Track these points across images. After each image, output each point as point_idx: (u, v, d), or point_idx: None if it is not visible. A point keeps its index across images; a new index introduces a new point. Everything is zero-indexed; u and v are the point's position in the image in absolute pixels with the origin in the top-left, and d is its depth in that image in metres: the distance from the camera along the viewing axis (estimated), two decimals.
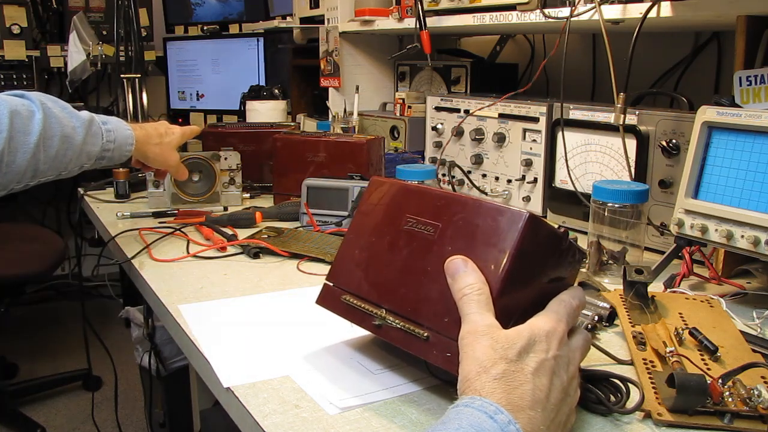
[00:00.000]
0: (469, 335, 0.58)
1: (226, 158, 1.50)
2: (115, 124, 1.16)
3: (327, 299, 0.77)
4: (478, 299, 0.60)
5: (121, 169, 1.65)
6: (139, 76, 1.99)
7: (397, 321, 0.67)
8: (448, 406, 0.55)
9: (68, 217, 3.61)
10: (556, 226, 0.64)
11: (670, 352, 0.71)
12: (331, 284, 0.78)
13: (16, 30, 3.01)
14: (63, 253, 2.54)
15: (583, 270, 1.02)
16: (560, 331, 0.60)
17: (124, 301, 2.47)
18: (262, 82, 2.87)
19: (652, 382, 0.67)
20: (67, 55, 2.45)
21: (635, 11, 1.10)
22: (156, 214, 1.42)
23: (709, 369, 0.69)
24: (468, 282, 0.61)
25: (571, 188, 1.27)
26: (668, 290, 0.95)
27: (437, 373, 0.71)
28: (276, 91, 2.31)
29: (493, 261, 0.62)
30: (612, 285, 0.96)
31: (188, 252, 1.17)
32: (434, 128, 1.62)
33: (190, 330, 0.86)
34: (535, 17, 1.31)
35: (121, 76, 1.98)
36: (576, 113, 1.28)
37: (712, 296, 0.87)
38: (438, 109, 1.62)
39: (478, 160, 1.51)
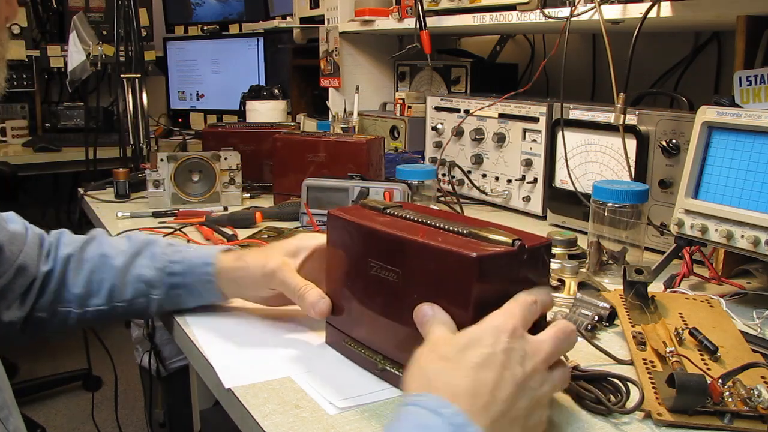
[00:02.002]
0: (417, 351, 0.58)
1: (226, 158, 1.50)
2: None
3: (333, 341, 0.79)
4: None
5: (121, 169, 1.65)
6: (139, 76, 1.99)
7: (395, 368, 0.68)
8: None
9: (68, 217, 3.61)
10: (510, 241, 0.61)
11: (670, 352, 0.71)
12: (332, 325, 0.79)
13: (16, 30, 3.01)
14: None
15: (583, 270, 1.02)
16: (511, 324, 0.57)
17: None
18: (262, 82, 2.87)
19: (652, 382, 0.67)
20: (67, 55, 2.45)
21: (635, 11, 1.11)
22: (156, 214, 1.42)
23: (709, 369, 0.69)
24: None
25: (571, 188, 1.27)
26: (668, 290, 0.95)
27: None
28: (276, 91, 2.32)
29: (456, 306, 0.61)
30: (612, 285, 0.96)
31: None
32: (434, 128, 1.62)
33: (190, 330, 0.86)
34: (535, 17, 1.32)
35: (121, 76, 1.98)
36: (576, 113, 1.28)
37: (712, 296, 0.87)
38: (438, 109, 1.62)
39: (478, 160, 1.51)
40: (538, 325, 0.61)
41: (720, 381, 0.64)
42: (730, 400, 0.63)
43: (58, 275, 0.88)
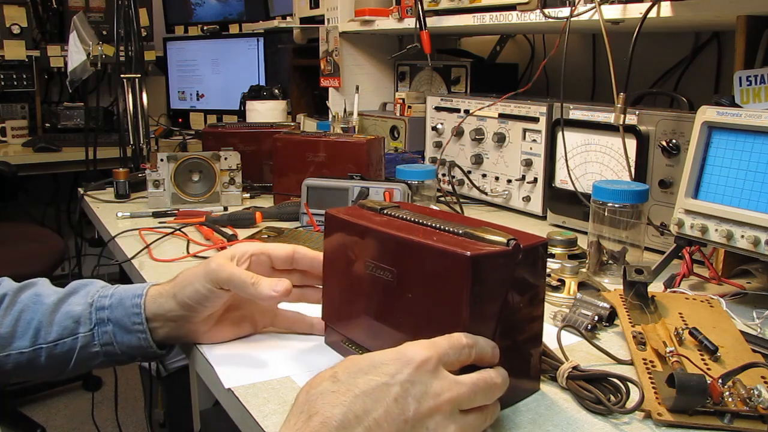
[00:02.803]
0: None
1: (226, 158, 1.50)
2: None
3: (332, 341, 0.79)
4: None
5: (121, 169, 1.65)
6: (139, 76, 1.99)
7: None
8: None
9: (68, 217, 3.61)
10: (505, 240, 0.60)
11: (670, 352, 0.71)
12: (330, 326, 0.79)
13: (16, 30, 3.01)
14: (63, 253, 2.54)
15: (583, 270, 1.02)
16: (424, 356, 0.54)
17: None
18: (262, 82, 2.87)
19: (652, 382, 0.67)
20: (67, 55, 2.45)
21: (635, 11, 1.11)
22: (156, 214, 1.42)
23: (709, 369, 0.69)
24: None
25: (571, 188, 1.27)
26: (668, 290, 0.95)
27: None
28: (276, 91, 2.31)
29: (450, 306, 0.60)
30: (612, 285, 0.96)
31: (188, 252, 1.17)
32: (434, 128, 1.62)
33: None
34: (535, 17, 1.32)
35: (121, 76, 1.98)
36: (576, 113, 1.28)
37: (712, 296, 0.87)
38: (438, 109, 1.62)
39: (478, 160, 1.51)
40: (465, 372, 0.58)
41: (720, 381, 0.64)
42: (730, 400, 0.63)
43: None
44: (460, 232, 0.64)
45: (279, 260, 0.79)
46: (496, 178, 1.48)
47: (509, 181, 1.45)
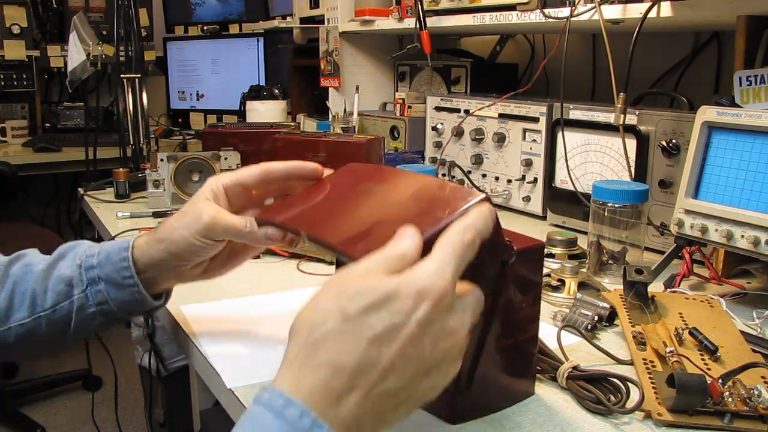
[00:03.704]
0: (331, 277, 0.50)
1: (226, 158, 1.50)
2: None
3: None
4: (386, 254, 0.50)
5: (121, 169, 1.65)
6: (139, 76, 1.99)
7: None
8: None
9: (68, 217, 3.61)
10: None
11: (670, 352, 0.71)
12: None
13: (16, 30, 3.01)
14: None
15: (583, 270, 1.01)
16: (440, 292, 0.48)
17: None
18: (262, 82, 2.87)
19: (652, 382, 0.67)
20: (67, 55, 2.45)
21: (635, 11, 1.10)
22: (156, 214, 1.42)
23: (709, 369, 0.69)
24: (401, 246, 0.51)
25: (571, 188, 1.27)
26: (668, 290, 0.95)
27: None
28: (276, 91, 2.31)
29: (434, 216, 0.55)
30: (612, 285, 0.96)
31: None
32: (434, 128, 1.62)
33: (192, 331, 0.86)
34: (535, 17, 1.31)
35: (121, 76, 1.98)
36: (576, 113, 1.28)
37: (712, 296, 0.87)
38: (438, 109, 1.62)
39: (478, 160, 1.51)
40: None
41: (720, 381, 0.64)
42: (730, 400, 0.63)
43: None
44: None
45: (253, 184, 0.78)
46: (496, 178, 1.48)
47: (509, 181, 1.45)
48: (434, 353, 0.48)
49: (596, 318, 0.83)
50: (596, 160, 1.25)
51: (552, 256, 1.07)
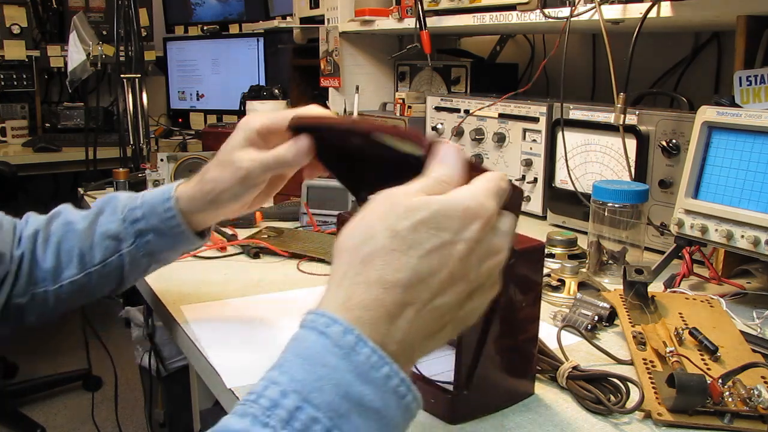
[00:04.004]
0: (377, 196, 0.49)
1: None
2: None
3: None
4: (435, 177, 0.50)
5: (121, 169, 1.65)
6: (139, 76, 1.99)
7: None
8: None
9: None
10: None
11: (670, 352, 0.71)
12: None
13: (16, 30, 3.01)
14: None
15: (583, 270, 1.01)
16: (487, 210, 0.48)
17: (124, 301, 2.48)
18: (262, 82, 2.87)
19: (652, 382, 0.67)
20: (67, 55, 2.45)
21: (635, 11, 1.10)
22: None
23: (709, 369, 0.69)
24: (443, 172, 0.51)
25: (571, 188, 1.27)
26: (668, 290, 0.95)
27: None
28: (276, 91, 2.31)
29: None
30: (612, 285, 0.96)
31: (188, 252, 1.17)
32: (434, 128, 1.62)
33: (192, 331, 0.86)
34: (535, 17, 1.31)
35: (121, 76, 1.98)
36: (576, 113, 1.28)
37: (712, 296, 0.87)
38: (438, 109, 1.62)
39: (478, 160, 1.51)
40: None
41: (720, 381, 0.64)
42: (730, 400, 0.63)
43: (28, 255, 0.84)
44: None
45: (284, 127, 0.77)
46: None
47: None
48: (480, 272, 0.48)
49: (596, 318, 0.83)
50: (596, 160, 1.25)
51: (552, 256, 1.07)
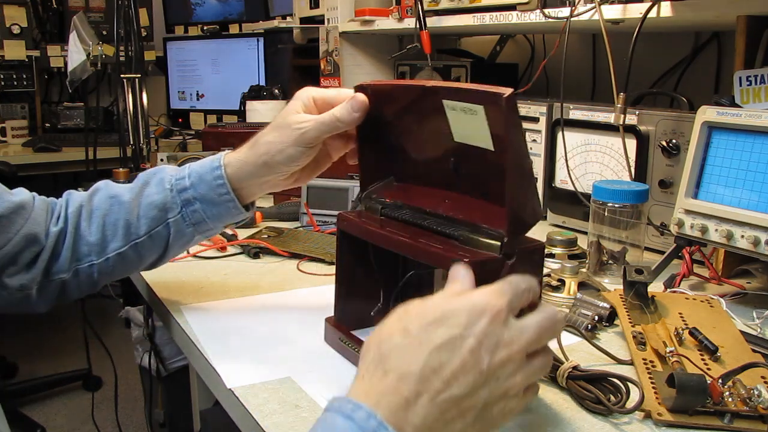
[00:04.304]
0: (397, 308, 0.55)
1: None
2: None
3: (332, 340, 0.81)
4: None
5: (121, 169, 1.65)
6: (139, 76, 1.99)
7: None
8: None
9: None
10: (498, 245, 0.62)
11: (670, 352, 0.71)
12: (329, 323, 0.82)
13: (16, 30, 3.01)
14: None
15: (583, 270, 1.01)
16: (497, 306, 0.53)
17: (124, 301, 2.48)
18: (262, 82, 2.87)
19: (652, 382, 0.67)
20: (67, 55, 2.45)
21: (635, 11, 1.10)
22: None
23: (709, 369, 0.69)
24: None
25: (571, 188, 1.27)
26: (668, 290, 0.95)
27: None
28: (276, 91, 2.31)
29: None
30: (612, 285, 0.96)
31: (188, 252, 1.17)
32: None
33: (192, 331, 0.86)
34: (535, 17, 1.31)
35: (121, 76, 1.98)
36: (576, 113, 1.28)
37: (712, 296, 0.87)
38: None
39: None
40: (522, 313, 0.58)
41: (720, 381, 0.64)
42: (730, 400, 0.63)
43: (71, 230, 0.85)
44: (457, 234, 0.66)
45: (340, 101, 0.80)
46: None
47: None
48: (492, 364, 0.52)
49: (596, 318, 0.83)
50: (596, 160, 1.25)
51: (552, 256, 1.07)
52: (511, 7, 1.38)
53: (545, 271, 0.85)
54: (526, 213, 0.63)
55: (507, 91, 0.58)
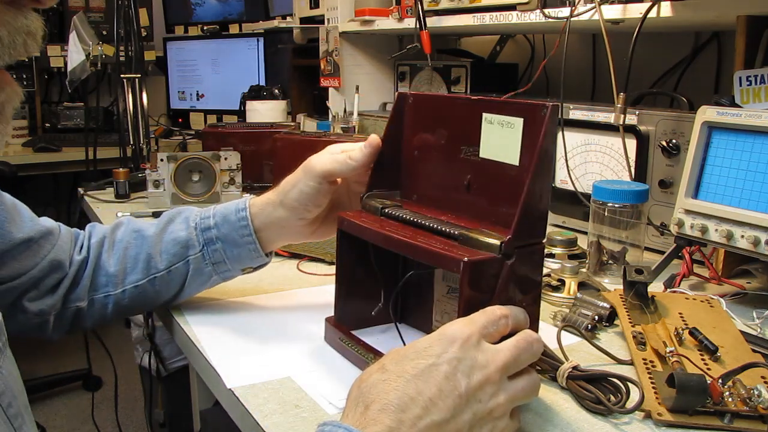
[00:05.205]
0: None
1: (226, 158, 1.50)
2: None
3: (332, 340, 0.80)
4: None
5: (121, 169, 1.65)
6: (139, 76, 1.99)
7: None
8: None
9: (68, 218, 3.61)
10: (498, 244, 0.63)
11: (670, 352, 0.71)
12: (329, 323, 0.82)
13: None
14: None
15: (583, 270, 1.01)
16: (466, 332, 0.56)
17: None
18: (262, 82, 2.87)
19: (652, 382, 0.67)
20: (67, 55, 2.45)
21: (635, 11, 1.10)
22: (156, 214, 1.42)
23: (709, 369, 0.69)
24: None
25: (571, 188, 1.27)
26: (668, 290, 0.95)
27: None
28: (276, 91, 2.31)
29: None
30: (612, 285, 0.96)
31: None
32: None
33: (192, 331, 0.86)
34: (535, 17, 1.31)
35: (121, 76, 1.98)
36: (576, 113, 1.28)
37: (712, 296, 0.87)
38: None
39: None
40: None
41: (720, 381, 0.64)
42: (730, 400, 0.63)
43: (93, 260, 0.86)
44: (456, 233, 0.66)
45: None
46: None
47: None
48: (470, 386, 0.54)
49: (596, 318, 0.83)
50: (596, 160, 1.25)
51: (552, 256, 1.07)
52: (511, 7, 1.38)
53: (545, 271, 0.85)
54: (536, 214, 0.64)
55: (550, 104, 0.61)
